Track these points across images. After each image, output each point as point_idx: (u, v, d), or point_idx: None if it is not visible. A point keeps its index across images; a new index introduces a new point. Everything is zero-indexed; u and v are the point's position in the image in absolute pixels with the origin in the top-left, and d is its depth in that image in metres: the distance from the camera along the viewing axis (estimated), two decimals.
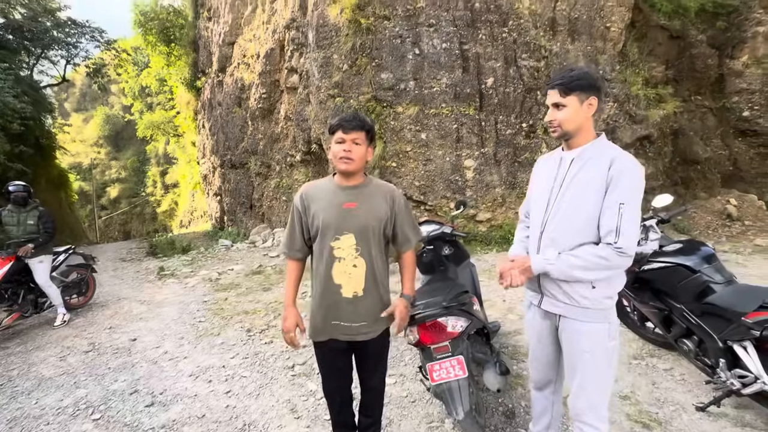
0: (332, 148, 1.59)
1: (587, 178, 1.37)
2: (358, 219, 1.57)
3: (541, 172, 1.60)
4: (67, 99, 40.88)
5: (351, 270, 1.58)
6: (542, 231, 1.49)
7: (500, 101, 6.75)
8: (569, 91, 1.37)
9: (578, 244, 1.39)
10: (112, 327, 4.15)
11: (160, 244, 11.18)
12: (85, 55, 17.36)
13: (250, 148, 10.98)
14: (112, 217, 35.02)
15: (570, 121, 1.39)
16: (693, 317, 2.06)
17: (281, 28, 8.84)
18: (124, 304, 4.97)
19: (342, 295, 1.59)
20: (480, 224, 6.74)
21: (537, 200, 1.55)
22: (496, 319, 3.56)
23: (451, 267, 2.80)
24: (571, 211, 1.40)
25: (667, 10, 9.07)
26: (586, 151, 1.42)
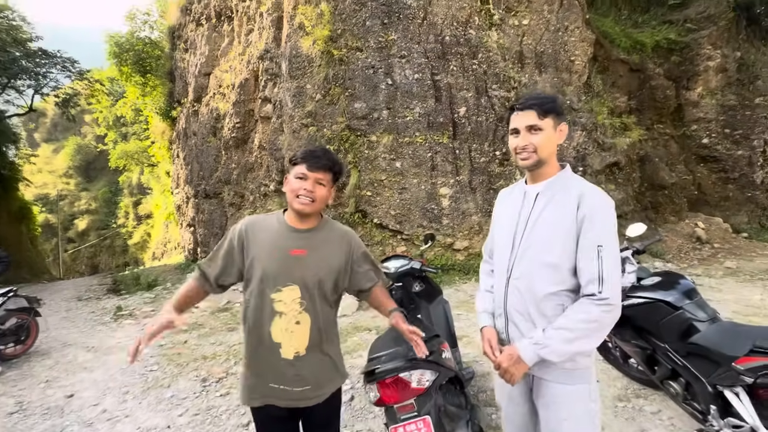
0: (290, 181, 1.36)
1: (554, 216, 1.22)
2: (306, 270, 1.35)
3: (503, 208, 1.43)
4: (36, 129, 39.69)
5: (293, 327, 1.34)
6: (509, 277, 1.30)
7: (473, 130, 6.82)
8: (546, 113, 1.22)
9: (549, 293, 1.21)
10: (49, 380, 3.68)
11: (123, 280, 10.53)
12: (55, 85, 16.96)
13: (224, 177, 10.70)
14: (79, 250, 33.30)
15: (545, 147, 1.23)
16: (678, 358, 1.91)
17: (255, 59, 8.85)
18: (69, 352, 4.47)
19: (281, 355, 1.34)
20: (457, 253, 6.60)
21: (500, 240, 1.38)
22: (474, 357, 3.33)
23: (423, 305, 2.60)
24: (539, 255, 1.23)
25: (626, 46, 9.63)
26: (552, 185, 1.27)
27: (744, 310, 4.08)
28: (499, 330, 1.35)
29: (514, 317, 1.27)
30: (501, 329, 1.34)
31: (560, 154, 7.33)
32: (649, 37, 9.89)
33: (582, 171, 7.37)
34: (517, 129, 1.26)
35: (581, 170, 7.38)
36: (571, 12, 7.82)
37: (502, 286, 1.33)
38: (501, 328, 1.34)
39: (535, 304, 1.22)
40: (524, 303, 1.24)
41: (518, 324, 1.26)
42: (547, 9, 7.63)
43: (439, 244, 6.51)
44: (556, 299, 1.21)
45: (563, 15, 7.75)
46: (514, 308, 1.27)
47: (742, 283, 5.82)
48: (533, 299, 1.23)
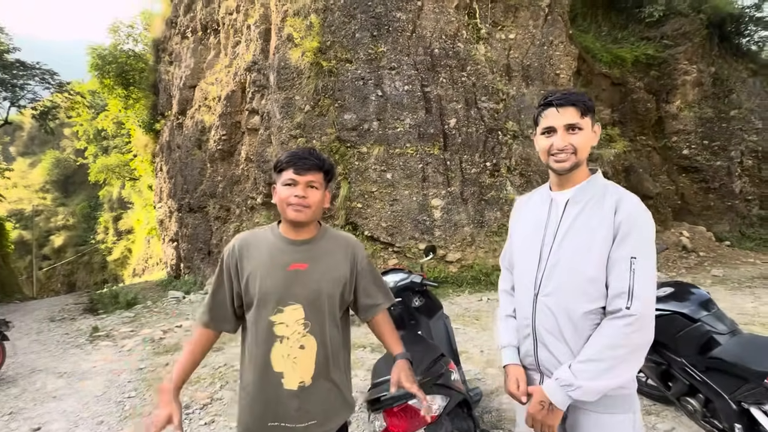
0: (279, 191, 1.21)
1: (590, 225, 1.09)
2: (308, 285, 1.19)
3: (525, 216, 1.29)
4: (12, 142, 38.45)
5: (296, 353, 1.18)
6: (536, 294, 1.16)
7: (463, 141, 6.81)
8: (588, 111, 1.10)
9: (586, 311, 1.07)
10: (14, 412, 3.36)
11: (101, 299, 10.05)
12: (33, 97, 16.48)
13: (209, 190, 10.43)
14: (55, 267, 31.97)
15: (585, 148, 1.11)
16: (697, 373, 1.82)
17: (242, 71, 8.74)
18: (38, 379, 4.13)
19: (284, 386, 1.17)
20: (450, 265, 6.50)
21: (524, 252, 1.23)
22: (475, 374, 3.19)
23: (423, 320, 2.46)
24: (573, 268, 1.09)
25: (607, 60, 9.91)
26: (583, 191, 1.14)
27: (739, 318, 4.05)
28: (526, 353, 1.21)
29: (544, 338, 1.14)
30: (528, 351, 1.20)
31: None
32: (629, 52, 10.22)
33: None
34: (553, 128, 1.12)
35: None
36: (555, 27, 8.01)
37: (528, 303, 1.18)
38: (528, 350, 1.20)
39: (570, 323, 1.09)
40: (556, 322, 1.11)
41: (549, 345, 1.13)
42: (533, 24, 7.80)
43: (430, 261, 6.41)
44: (594, 318, 1.07)
45: (548, 30, 7.93)
46: (544, 328, 1.13)
47: (731, 291, 5.87)
48: (568, 318, 1.09)
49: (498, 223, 6.80)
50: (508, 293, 1.35)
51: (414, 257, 6.36)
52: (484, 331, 4.35)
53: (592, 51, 9.69)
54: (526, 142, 7.30)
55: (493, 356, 3.62)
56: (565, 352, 1.10)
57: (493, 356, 3.62)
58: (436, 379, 1.61)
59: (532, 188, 5.82)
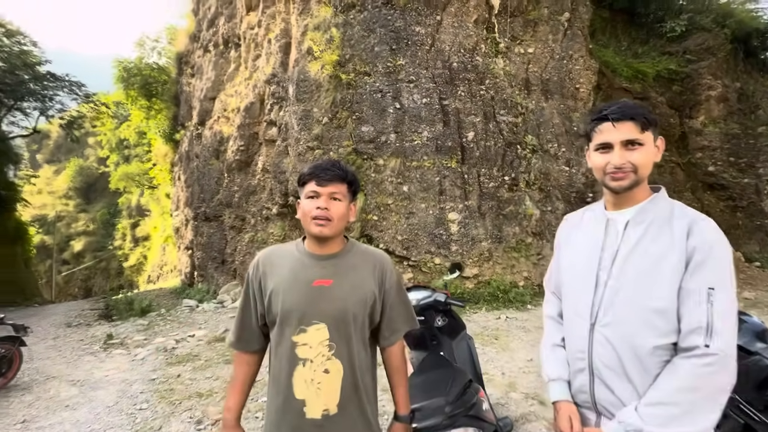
0: (302, 204, 1.18)
1: (656, 250, 0.98)
2: (333, 302, 1.12)
3: (576, 236, 1.18)
4: (39, 150, 39.97)
5: (320, 377, 1.10)
6: (593, 323, 1.05)
7: (482, 155, 6.73)
8: (648, 125, 1.00)
9: (655, 346, 0.96)
10: (27, 420, 3.33)
11: (116, 305, 10.14)
12: (61, 108, 17.12)
13: (225, 200, 10.54)
14: (73, 272, 32.70)
15: (646, 166, 1.01)
16: (754, 412, 1.66)
17: (262, 83, 8.89)
18: (52, 386, 4.12)
19: (306, 415, 1.09)
20: (467, 281, 6.34)
21: (577, 276, 1.12)
22: (497, 399, 3.03)
23: (446, 341, 2.35)
24: (638, 297, 0.98)
25: (628, 75, 9.77)
26: (645, 212, 1.03)
27: None
28: (580, 389, 1.09)
29: (603, 374, 1.02)
30: (582, 387, 1.08)
31: (569, 180, 7.23)
32: (651, 67, 10.06)
33: (591, 198, 7.24)
34: (609, 144, 1.02)
35: (591, 197, 7.25)
36: (574, 42, 7.94)
37: (582, 334, 1.07)
38: (582, 386, 1.08)
39: (635, 359, 0.97)
40: (617, 357, 0.99)
41: (609, 382, 1.01)
42: (552, 38, 7.75)
43: (446, 270, 6.27)
44: (663, 354, 0.96)
45: (567, 44, 7.86)
46: (603, 363, 1.02)
47: (766, 315, 5.55)
48: (632, 353, 0.97)
49: (516, 238, 6.64)
50: (556, 320, 1.24)
51: (430, 271, 6.23)
52: (504, 351, 4.18)
53: (612, 65, 9.57)
54: (545, 156, 7.17)
55: (516, 379, 3.46)
56: (628, 390, 0.98)
57: (516, 379, 3.46)
58: (467, 410, 1.49)
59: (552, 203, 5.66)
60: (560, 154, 7.26)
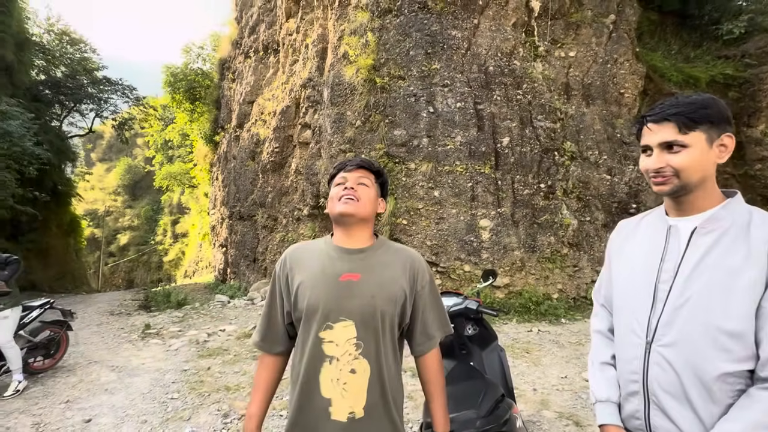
0: (330, 194, 1.17)
1: (729, 262, 0.86)
2: (361, 298, 1.06)
3: (632, 244, 1.06)
4: (93, 149, 43.11)
5: (347, 377, 1.05)
6: (650, 342, 0.94)
7: (517, 161, 6.52)
8: (693, 124, 0.90)
9: (725, 372, 0.84)
10: (70, 401, 3.53)
11: (155, 297, 10.67)
12: (114, 110, 18.38)
13: (259, 200, 10.86)
14: (118, 264, 34.87)
15: (693, 168, 0.90)
16: None
17: (298, 87, 9.12)
18: (93, 370, 4.36)
19: (331, 416, 1.05)
20: (497, 290, 6.14)
21: (632, 289, 1.01)
22: (528, 417, 2.88)
23: (476, 351, 2.24)
24: (706, 316, 0.86)
25: (677, 80, 9.19)
26: (717, 220, 0.91)
27: None
28: (632, 414, 0.98)
29: (661, 399, 0.91)
30: (635, 413, 0.97)
31: (611, 190, 6.86)
32: (704, 72, 9.43)
33: (635, 208, 6.83)
34: (648, 146, 0.95)
35: (634, 207, 6.84)
36: (620, 45, 7.57)
37: (637, 353, 0.96)
38: (636, 411, 0.97)
39: (699, 385, 0.86)
40: (679, 381, 0.88)
41: (668, 409, 0.90)
42: (595, 41, 7.43)
43: (476, 279, 6.10)
44: (736, 383, 0.84)
45: (612, 48, 7.51)
46: (661, 387, 0.91)
47: None
48: (696, 378, 0.86)
49: (551, 248, 6.37)
50: (605, 336, 1.13)
51: (458, 279, 6.09)
52: (536, 366, 3.98)
53: (660, 70, 9.05)
54: (584, 164, 6.85)
55: (548, 396, 3.27)
56: (690, 420, 0.87)
57: (548, 396, 3.27)
58: (500, 425, 1.41)
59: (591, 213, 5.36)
60: (601, 162, 6.91)
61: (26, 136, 9.16)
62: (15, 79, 13.29)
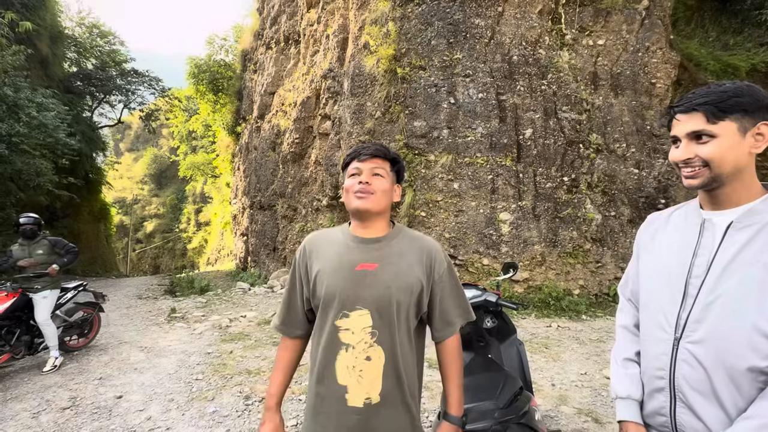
0: (344, 184, 1.16)
1: (766, 259, 0.83)
2: (377, 288, 1.08)
3: (661, 239, 1.03)
4: (122, 139, 44.66)
5: (362, 365, 1.07)
6: (678, 338, 0.91)
7: (539, 153, 6.37)
8: (723, 113, 0.86)
9: (753, 368, 0.81)
10: (102, 378, 3.73)
11: (179, 283, 11.05)
12: (141, 101, 18.93)
13: (279, 190, 11.03)
14: (145, 250, 36.26)
15: (725, 160, 0.86)
16: None
17: (318, 78, 9.13)
18: (124, 350, 4.58)
19: (347, 402, 1.07)
20: (516, 284, 6.06)
21: (660, 283, 0.98)
22: (545, 412, 2.86)
23: (494, 343, 2.23)
24: (739, 313, 0.84)
25: (715, 69, 8.72)
26: (756, 213, 0.88)
27: None
28: (657, 410, 0.96)
29: (688, 396, 0.89)
30: (661, 410, 0.95)
31: (639, 184, 6.62)
32: (744, 60, 8.91)
33: (664, 203, 6.57)
34: (677, 137, 0.92)
35: (663, 203, 6.58)
36: (653, 32, 7.21)
37: (663, 349, 0.94)
38: (661, 408, 0.95)
39: (729, 381, 0.84)
40: (708, 379, 0.86)
41: (695, 406, 0.88)
42: (626, 29, 7.10)
43: (495, 272, 6.04)
44: (763, 377, 0.82)
45: (644, 35, 7.16)
46: (688, 384, 0.89)
47: None
48: (726, 376, 0.84)
49: (573, 243, 6.22)
50: (630, 331, 1.10)
51: (477, 272, 6.05)
52: (555, 361, 3.93)
53: (696, 59, 8.60)
54: (611, 157, 6.62)
55: (567, 392, 3.23)
56: (718, 417, 0.85)
57: (567, 392, 3.23)
58: (518, 417, 1.40)
59: (616, 208, 5.21)
60: (629, 155, 6.67)
61: (60, 128, 9.56)
62: (50, 72, 13.85)
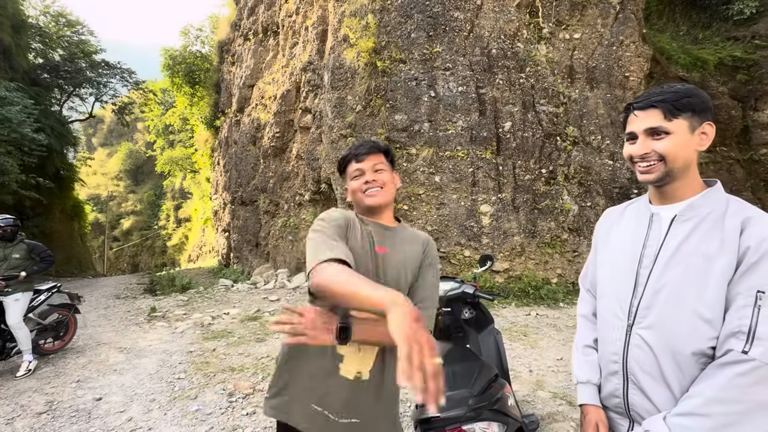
0: (350, 186, 1.22)
1: (705, 249, 0.90)
2: (389, 271, 1.15)
3: (617, 231, 1.10)
4: (94, 134, 42.93)
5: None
6: (631, 325, 0.97)
7: (518, 146, 6.49)
8: (678, 111, 0.92)
9: (698, 350, 0.88)
10: (80, 381, 3.65)
11: (160, 281, 10.82)
12: (113, 94, 18.22)
13: (261, 185, 10.88)
14: (123, 249, 35.21)
15: (677, 155, 0.92)
16: None
17: (298, 71, 9.00)
18: (102, 351, 4.48)
19: (339, 371, 1.10)
20: (497, 275, 6.21)
21: (615, 274, 1.05)
22: (522, 397, 2.97)
23: (472, 334, 2.30)
24: (682, 300, 0.90)
25: (685, 62, 9.02)
26: (695, 207, 0.94)
27: None
28: (612, 393, 1.03)
29: (639, 378, 0.96)
30: (615, 392, 1.02)
31: (613, 175, 6.84)
32: (712, 54, 9.24)
33: (636, 193, 6.81)
34: (633, 133, 0.97)
35: (635, 193, 6.82)
36: (626, 26, 7.40)
37: (617, 336, 1.01)
38: (615, 390, 1.02)
39: (674, 364, 0.91)
40: (656, 362, 0.93)
41: (645, 388, 0.95)
42: (601, 23, 7.26)
43: (476, 264, 6.16)
44: (705, 359, 0.88)
45: (618, 29, 7.34)
46: (639, 367, 0.95)
47: None
48: (671, 358, 0.91)
49: (551, 234, 6.40)
50: (589, 320, 1.17)
51: (459, 264, 6.16)
52: (533, 348, 4.07)
53: (667, 52, 8.87)
54: (587, 149, 6.81)
55: (544, 377, 3.36)
56: (665, 397, 0.92)
57: (544, 377, 3.36)
58: (492, 404, 1.46)
59: (592, 199, 5.35)
60: (604, 146, 6.87)
61: (26, 122, 9.13)
62: (13, 63, 13.16)
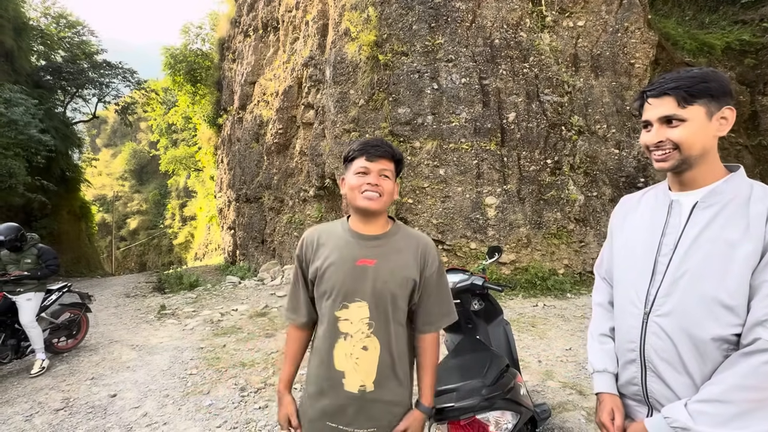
0: (349, 180, 1.18)
1: (727, 236, 0.88)
2: (375, 282, 1.13)
3: (634, 219, 1.08)
4: (98, 135, 43.17)
5: (359, 353, 1.14)
6: (648, 312, 0.96)
7: (523, 136, 6.44)
8: (692, 98, 0.89)
9: (717, 336, 0.87)
10: (95, 378, 3.72)
11: (168, 279, 10.92)
12: (116, 94, 18.26)
13: (265, 182, 10.91)
14: (130, 248, 35.56)
15: (694, 142, 0.90)
16: None
17: (299, 66, 8.96)
18: (115, 349, 4.55)
19: (344, 387, 1.14)
20: (503, 266, 6.20)
21: (632, 262, 1.03)
22: (532, 387, 2.98)
23: (482, 325, 2.31)
24: (702, 288, 0.88)
25: (691, 48, 8.88)
26: (717, 194, 0.92)
27: None
28: (630, 380, 1.02)
29: (657, 366, 0.95)
30: (633, 380, 1.01)
31: (619, 164, 6.78)
32: (719, 38, 9.08)
33: (643, 182, 6.75)
34: (648, 121, 0.96)
35: (642, 181, 6.76)
36: (631, 12, 7.28)
37: (634, 323, 0.99)
38: (633, 378, 1.01)
39: (694, 350, 0.89)
40: (675, 349, 0.91)
41: (663, 375, 0.94)
42: (605, 9, 7.15)
43: (482, 256, 6.16)
44: (727, 346, 0.87)
45: (623, 15, 7.22)
46: (657, 354, 0.94)
47: None
48: (691, 344, 0.90)
49: (558, 224, 6.37)
50: (605, 308, 1.16)
51: (465, 256, 6.15)
52: (541, 339, 4.07)
53: (673, 38, 8.73)
54: (592, 138, 6.74)
55: (553, 367, 3.37)
56: (685, 384, 0.91)
57: (553, 367, 3.37)
58: (504, 393, 1.47)
59: (598, 188, 5.33)
60: (609, 135, 6.80)
61: (32, 124, 9.20)
62: (16, 66, 13.22)
